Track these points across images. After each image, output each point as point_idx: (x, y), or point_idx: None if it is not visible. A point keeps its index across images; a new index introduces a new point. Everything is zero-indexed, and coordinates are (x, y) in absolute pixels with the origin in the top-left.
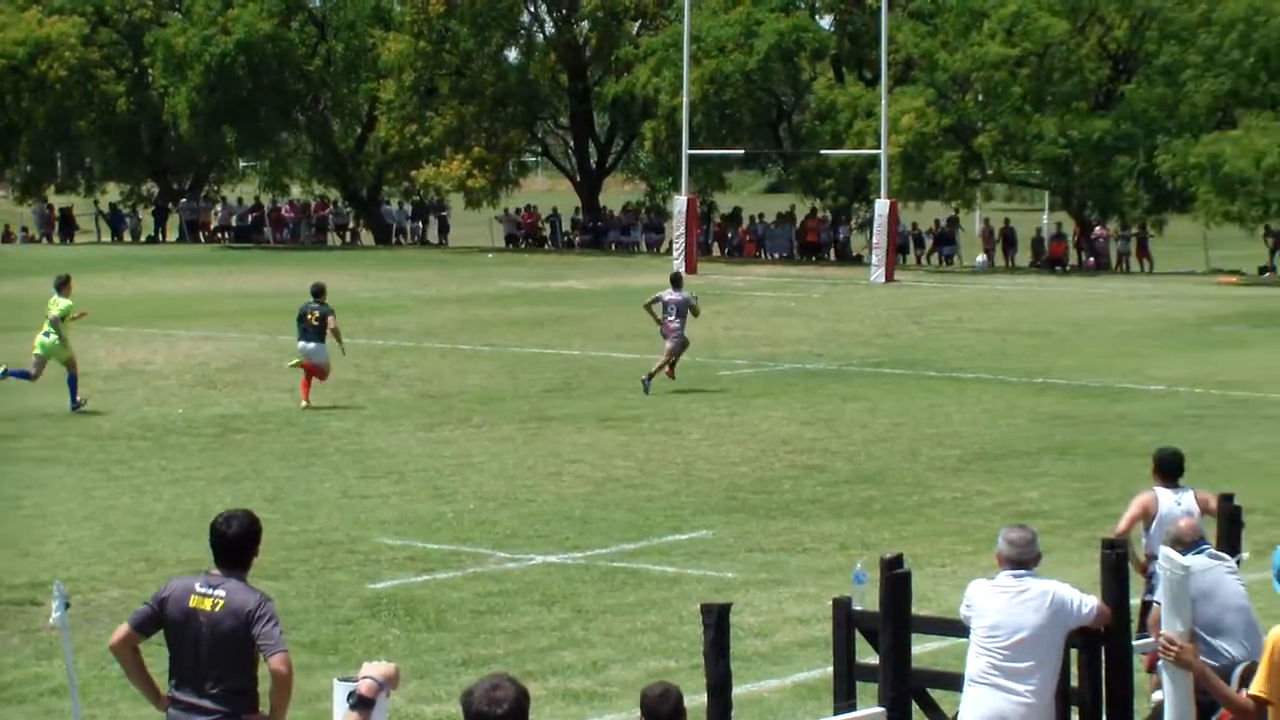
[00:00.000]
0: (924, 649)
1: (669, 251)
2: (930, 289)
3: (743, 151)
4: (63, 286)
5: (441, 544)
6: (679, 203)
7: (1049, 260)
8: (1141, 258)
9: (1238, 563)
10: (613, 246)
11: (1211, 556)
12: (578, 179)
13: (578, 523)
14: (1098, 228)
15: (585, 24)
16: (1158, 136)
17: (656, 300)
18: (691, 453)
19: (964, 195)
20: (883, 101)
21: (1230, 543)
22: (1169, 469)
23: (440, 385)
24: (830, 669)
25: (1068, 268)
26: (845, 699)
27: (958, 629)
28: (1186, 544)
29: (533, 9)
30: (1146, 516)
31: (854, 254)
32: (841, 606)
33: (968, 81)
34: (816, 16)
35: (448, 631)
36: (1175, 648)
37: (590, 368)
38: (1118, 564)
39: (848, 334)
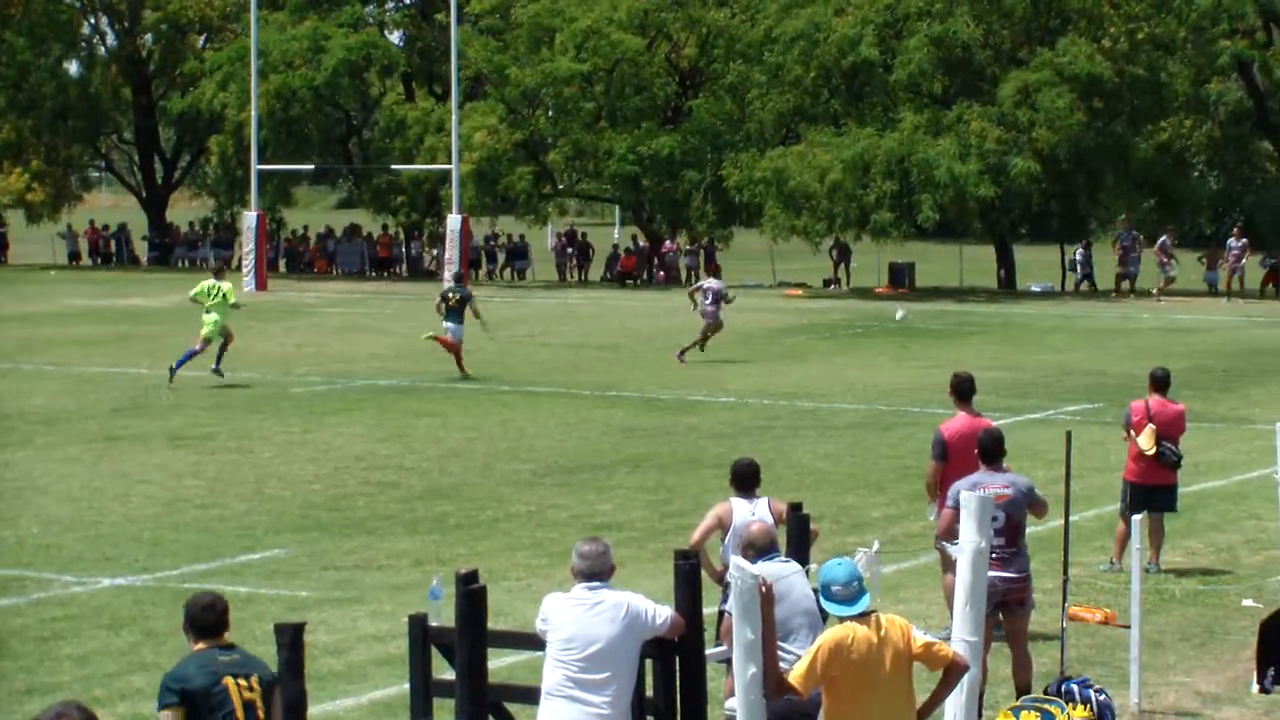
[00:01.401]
0: (501, 664)
1: (239, 267)
2: (503, 304)
3: (313, 167)
4: (219, 272)
5: (3, 569)
6: (249, 219)
7: (620, 274)
8: (710, 270)
9: (807, 572)
10: (181, 263)
11: (783, 562)
12: (144, 194)
13: (147, 545)
14: (667, 242)
15: (148, 37)
16: (725, 152)
17: (699, 288)
18: (264, 471)
19: (537, 210)
20: (454, 117)
21: (799, 552)
22: (744, 479)
23: None
24: (407, 686)
25: (638, 281)
26: (423, 716)
27: (534, 643)
28: (760, 549)
29: (93, 21)
30: (722, 527)
31: (427, 268)
32: (417, 623)
33: (539, 97)
34: (385, 32)
35: (11, 659)
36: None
37: (157, 386)
38: (690, 575)
39: (421, 349)
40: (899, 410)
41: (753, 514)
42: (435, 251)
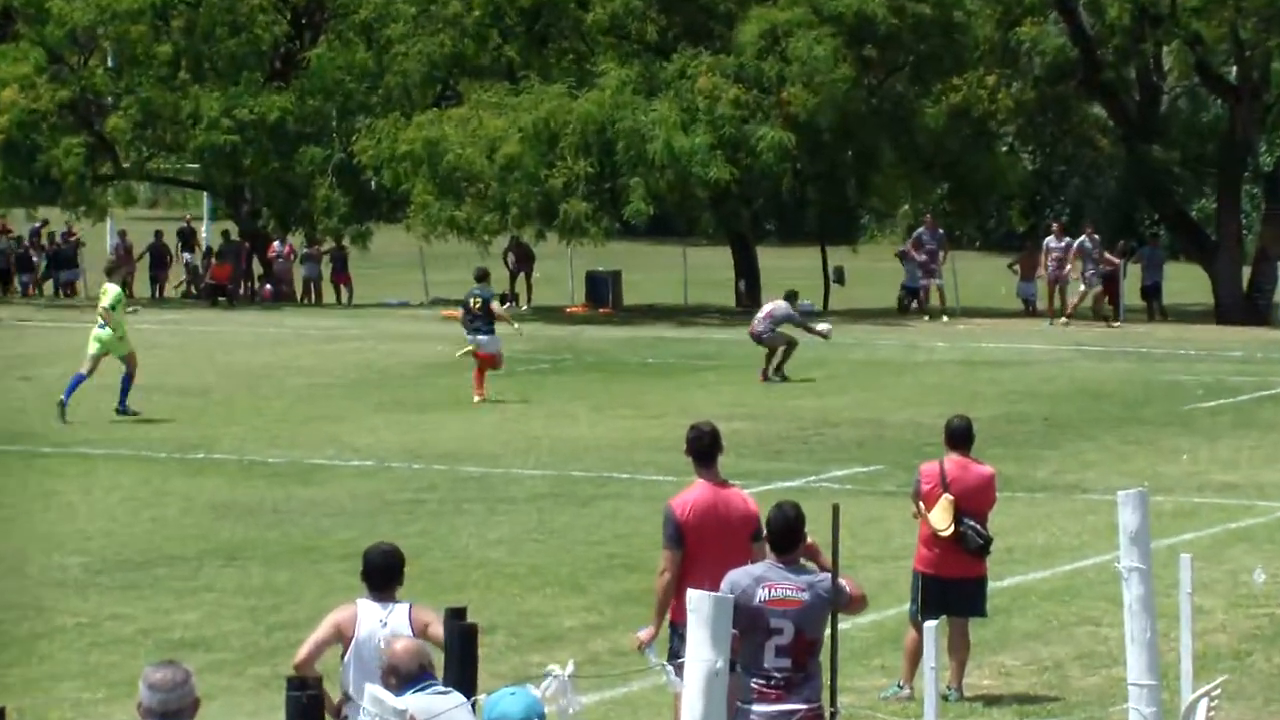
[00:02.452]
0: None
1: None
2: (41, 329)
3: None
4: (112, 272)
5: None
6: None
7: (210, 288)
8: (339, 283)
9: (474, 705)
10: None
11: (440, 693)
12: None
13: None
14: (276, 244)
15: None
16: (357, 118)
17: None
18: None
19: (90, 199)
20: None
21: (462, 675)
22: (379, 575)
23: None
24: None
25: (235, 299)
26: None
27: None
28: (405, 676)
29: None
30: (342, 640)
31: None
32: None
33: (93, 39)
34: None
35: None
36: None
37: None
38: (309, 711)
39: None
40: (601, 476)
41: (383, 624)
42: None
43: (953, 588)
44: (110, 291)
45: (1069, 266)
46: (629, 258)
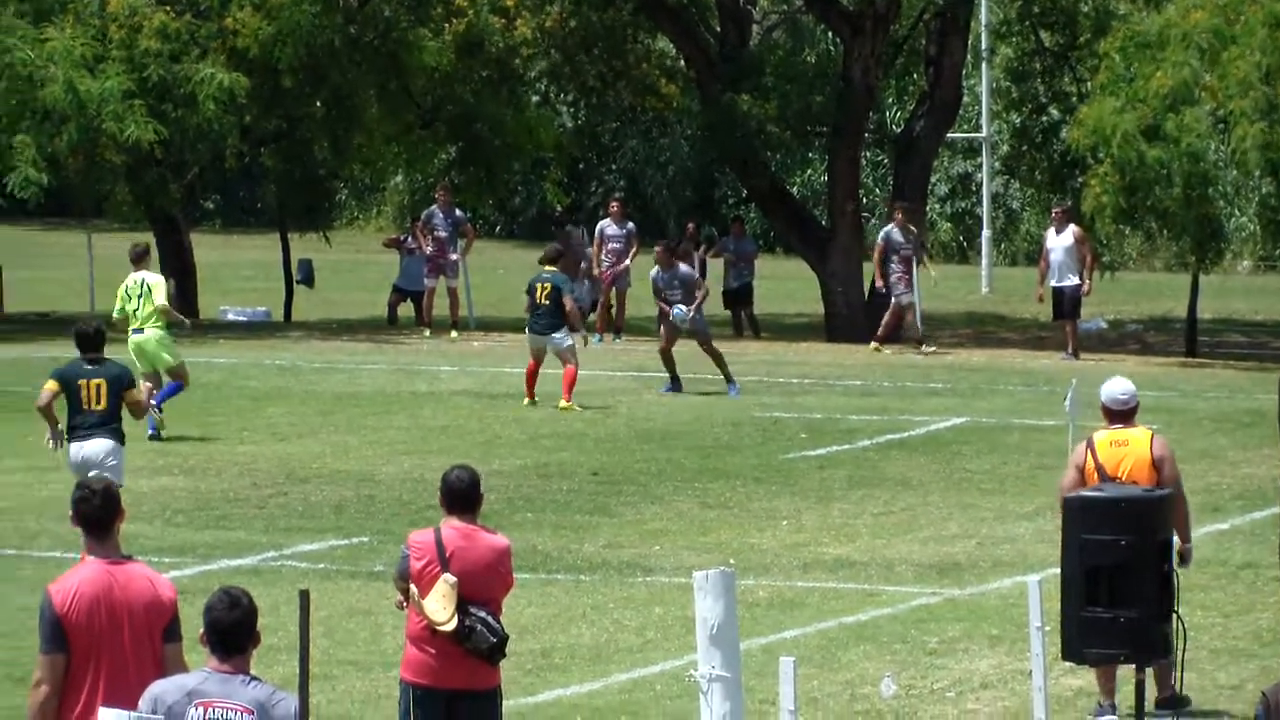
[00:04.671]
0: None
1: None
2: None
3: None
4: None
5: None
6: None
7: None
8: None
9: None
10: None
11: None
12: None
13: None
14: None
15: None
16: None
17: None
18: None
19: None
20: None
21: None
22: None
23: None
24: None
25: None
26: None
27: None
28: None
29: None
30: None
31: None
32: None
33: None
34: None
35: None
36: None
37: None
38: None
39: None
40: None
41: None
42: None
43: (458, 704)
44: (163, 285)
45: (628, 263)
46: (12, 248)
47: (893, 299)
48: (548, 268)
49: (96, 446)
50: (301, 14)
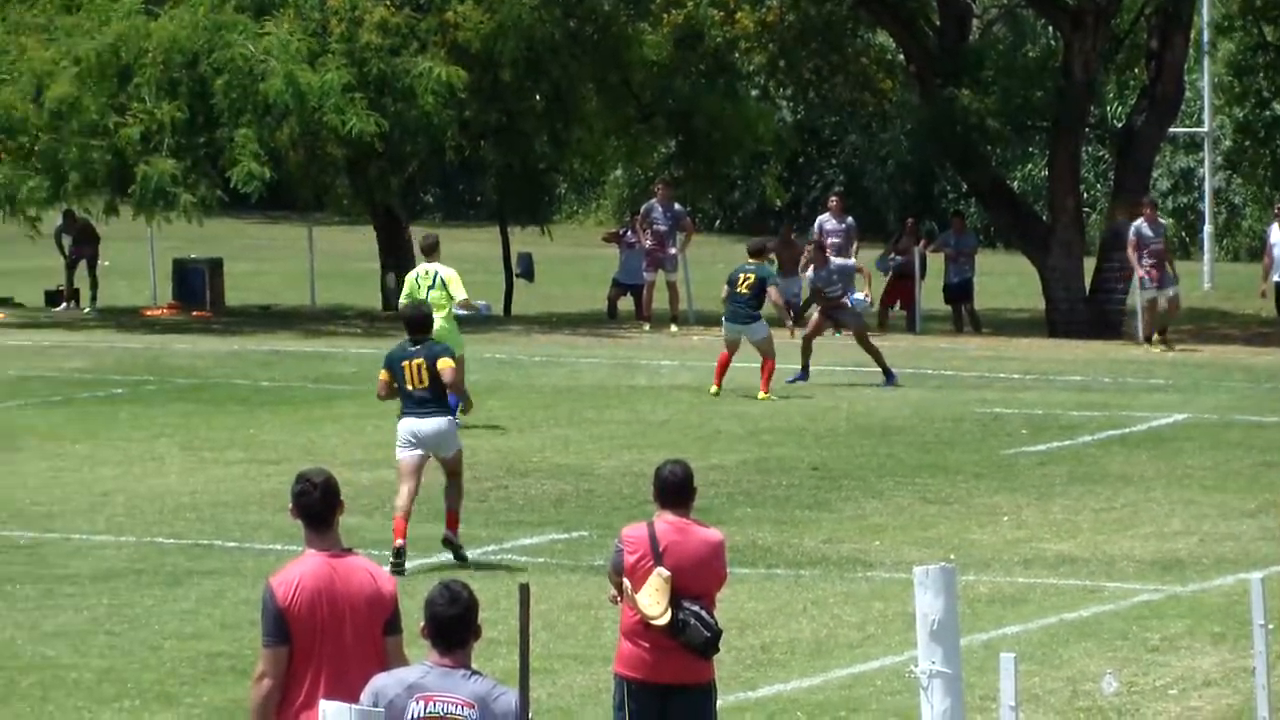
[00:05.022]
0: None
1: None
2: None
3: None
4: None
5: None
6: None
7: None
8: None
9: None
10: None
11: None
12: None
13: None
14: None
15: None
16: None
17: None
18: None
19: None
20: None
21: None
22: None
23: None
24: None
25: None
26: None
27: None
28: None
29: None
30: None
31: None
32: None
33: None
34: None
35: None
36: None
37: None
38: None
39: None
40: (198, 545)
41: None
42: None
43: (672, 698)
44: (457, 276)
45: (853, 260)
46: (234, 241)
47: (1142, 294)
48: (751, 259)
49: (430, 424)
50: (522, 8)
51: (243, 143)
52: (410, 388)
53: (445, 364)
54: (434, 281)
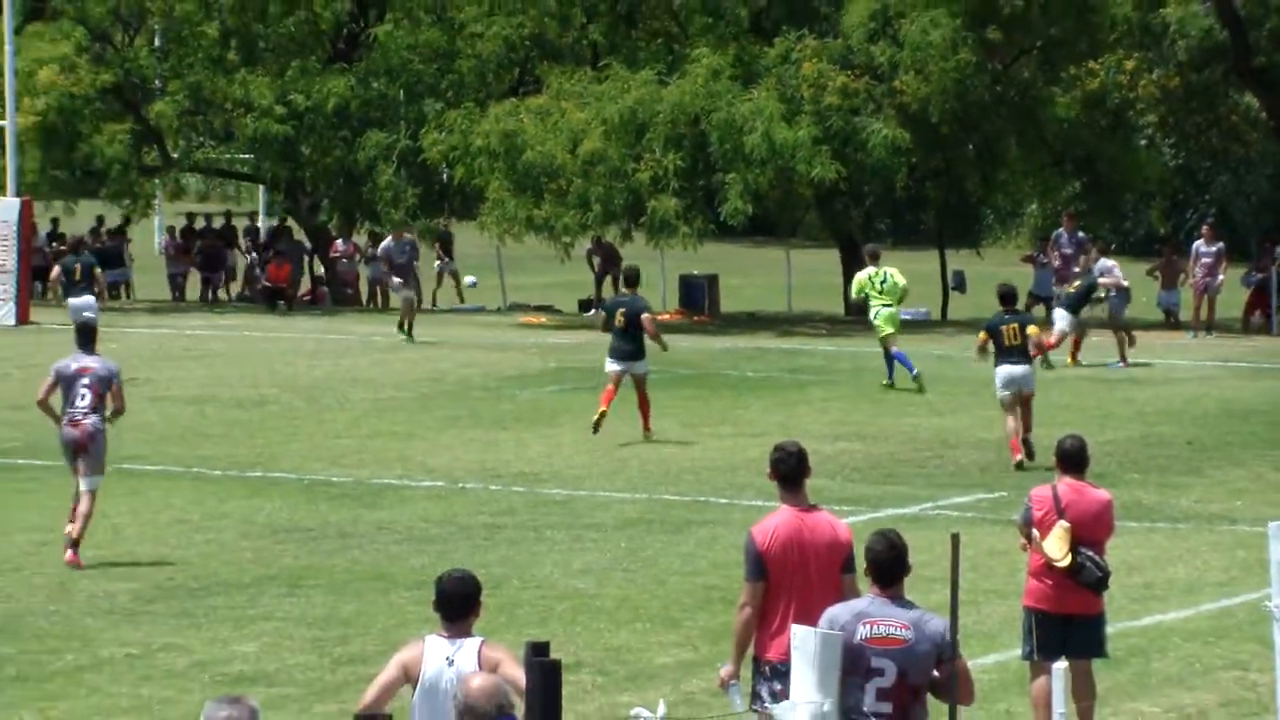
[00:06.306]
0: None
1: None
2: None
3: None
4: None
5: None
6: None
7: (267, 290)
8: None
9: None
10: None
11: None
12: None
13: None
14: (339, 241)
15: None
16: (425, 103)
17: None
18: None
19: (135, 192)
20: (7, 46)
21: (545, 715)
22: (452, 605)
23: None
24: None
25: (291, 303)
26: None
27: None
28: (480, 717)
29: None
30: (409, 681)
31: None
32: None
33: (139, 19)
34: None
35: None
36: None
37: None
38: None
39: None
40: (696, 500)
41: (450, 663)
42: None
43: (1069, 625)
44: (898, 273)
45: (1221, 276)
46: (726, 260)
47: None
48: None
49: (1021, 369)
50: (957, 77)
51: (731, 184)
52: (1008, 344)
53: (1033, 331)
54: (884, 278)
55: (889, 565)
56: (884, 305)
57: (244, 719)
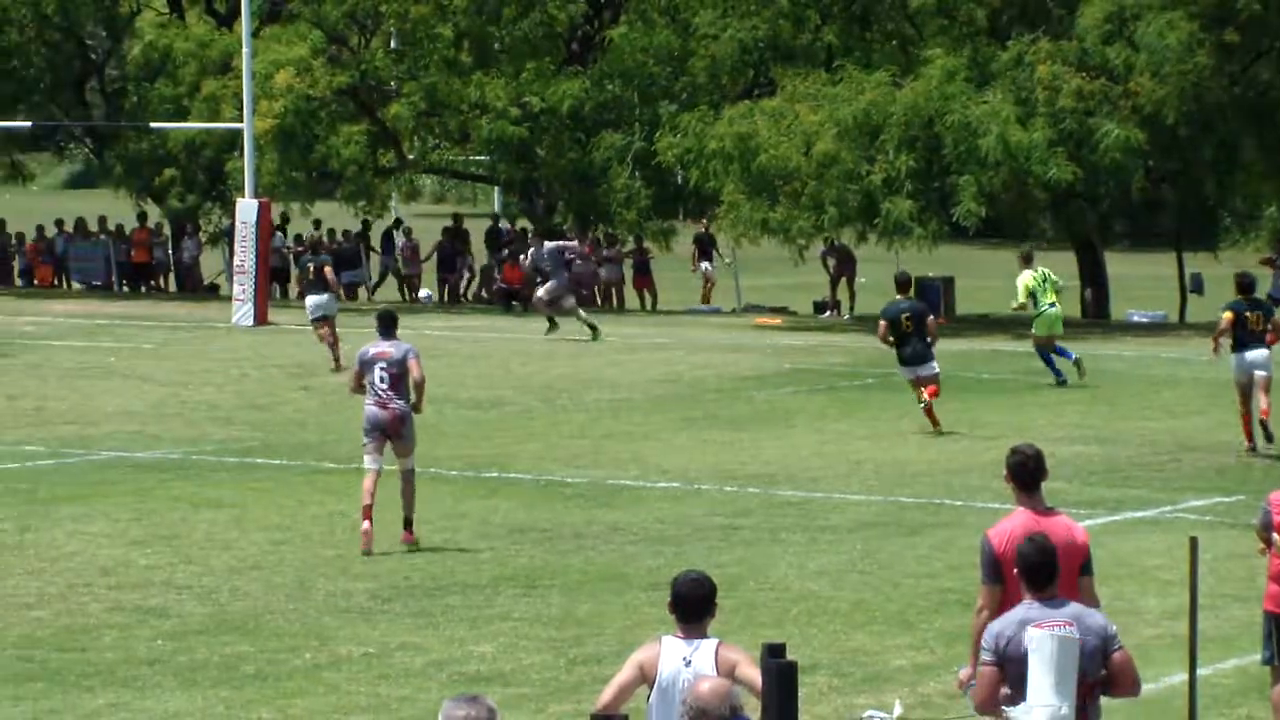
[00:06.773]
0: None
1: None
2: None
3: (30, 124)
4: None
5: None
6: None
7: (504, 292)
8: (641, 287)
9: None
10: None
11: None
12: None
13: None
14: (574, 243)
15: None
16: (659, 105)
17: None
18: None
19: (372, 193)
20: (245, 49)
21: (781, 717)
22: (689, 606)
23: None
24: None
25: (526, 304)
26: None
27: None
28: (714, 719)
29: None
30: (646, 681)
31: (206, 282)
32: None
33: (375, 21)
34: None
35: None
36: None
37: None
38: None
39: (199, 405)
40: (931, 503)
41: (687, 663)
42: (223, 253)
43: None
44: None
45: None
46: (960, 263)
47: None
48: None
49: (1261, 354)
50: (1193, 79)
51: (965, 186)
52: (1250, 329)
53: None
54: (1045, 280)
55: (1041, 569)
56: (1051, 305)
57: (482, 718)
